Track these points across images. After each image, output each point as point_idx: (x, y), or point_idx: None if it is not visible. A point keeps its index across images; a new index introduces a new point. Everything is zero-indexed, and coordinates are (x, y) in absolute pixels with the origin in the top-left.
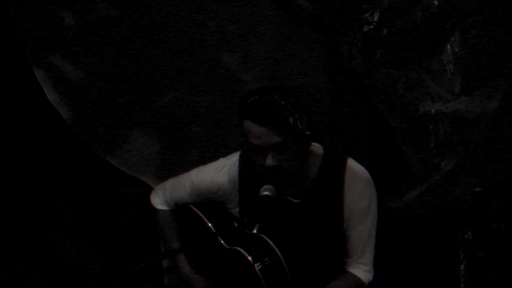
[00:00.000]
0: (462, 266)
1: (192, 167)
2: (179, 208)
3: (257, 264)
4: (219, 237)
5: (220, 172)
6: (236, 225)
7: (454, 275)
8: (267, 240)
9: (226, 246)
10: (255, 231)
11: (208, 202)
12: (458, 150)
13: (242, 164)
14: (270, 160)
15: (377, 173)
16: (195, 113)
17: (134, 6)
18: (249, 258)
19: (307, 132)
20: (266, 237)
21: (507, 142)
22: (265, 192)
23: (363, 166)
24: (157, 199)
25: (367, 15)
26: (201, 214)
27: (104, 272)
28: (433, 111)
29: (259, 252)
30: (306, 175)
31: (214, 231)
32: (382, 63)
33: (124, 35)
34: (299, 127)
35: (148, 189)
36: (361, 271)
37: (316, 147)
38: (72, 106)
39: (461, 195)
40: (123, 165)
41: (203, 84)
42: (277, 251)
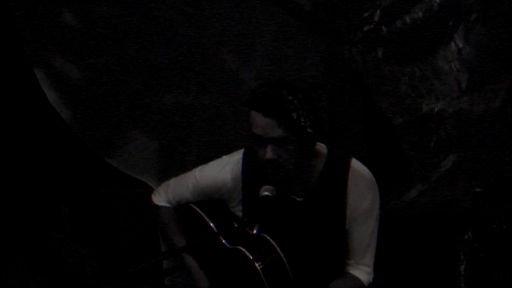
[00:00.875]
0: (462, 266)
1: (192, 167)
2: (180, 207)
3: (259, 263)
4: (220, 237)
5: (223, 169)
6: (236, 225)
7: (454, 275)
8: (268, 239)
9: (227, 245)
10: (255, 231)
11: (210, 201)
12: (459, 150)
13: (246, 162)
14: (269, 153)
15: (377, 173)
16: (195, 113)
17: (134, 6)
18: (250, 257)
19: (310, 130)
20: (267, 236)
21: (508, 142)
22: (265, 192)
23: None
24: (159, 197)
25: (367, 15)
26: (202, 214)
27: (104, 272)
28: (436, 109)
29: (261, 251)
30: (310, 174)
31: (216, 230)
32: (385, 60)
33: (124, 35)
34: (302, 124)
35: (148, 189)
36: (362, 272)
37: (321, 147)
38: (71, 106)
39: (461, 195)
40: (123, 165)
41: (203, 84)
42: (278, 250)
